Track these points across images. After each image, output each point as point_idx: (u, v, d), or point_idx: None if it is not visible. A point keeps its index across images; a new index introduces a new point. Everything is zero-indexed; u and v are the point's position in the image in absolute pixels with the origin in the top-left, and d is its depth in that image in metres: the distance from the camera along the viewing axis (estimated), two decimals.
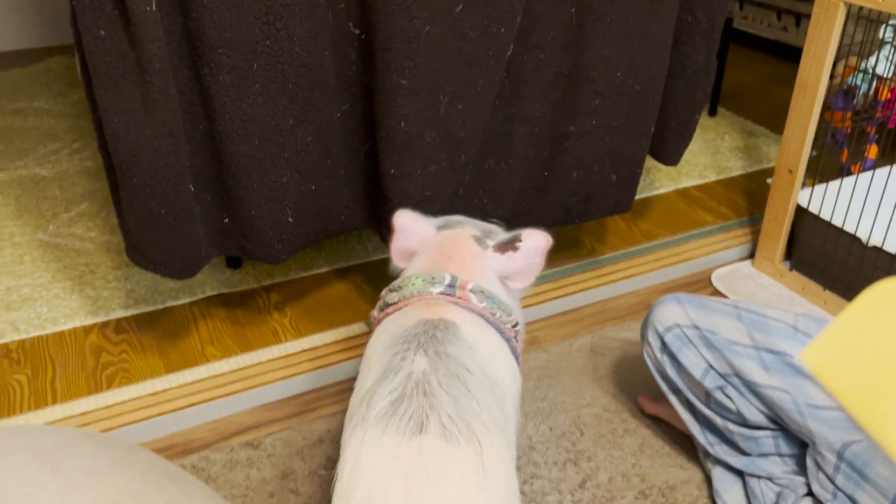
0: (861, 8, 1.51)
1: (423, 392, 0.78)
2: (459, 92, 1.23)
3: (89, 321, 1.56)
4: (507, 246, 1.02)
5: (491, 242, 1.03)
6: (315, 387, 1.45)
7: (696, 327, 1.13)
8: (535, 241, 1.02)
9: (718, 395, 1.11)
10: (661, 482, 1.25)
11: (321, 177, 1.26)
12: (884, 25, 1.71)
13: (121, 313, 1.58)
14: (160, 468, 0.93)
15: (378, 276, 1.72)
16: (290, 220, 1.25)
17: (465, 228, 1.06)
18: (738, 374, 1.09)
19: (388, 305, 0.97)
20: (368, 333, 1.54)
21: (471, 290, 0.94)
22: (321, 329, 1.56)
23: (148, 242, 1.17)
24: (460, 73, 1.22)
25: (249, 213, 1.22)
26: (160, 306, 1.61)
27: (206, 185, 1.21)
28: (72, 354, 1.48)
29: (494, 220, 1.17)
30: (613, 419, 1.38)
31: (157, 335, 1.53)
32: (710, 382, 1.11)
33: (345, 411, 1.37)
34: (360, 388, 0.85)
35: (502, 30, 1.21)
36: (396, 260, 1.07)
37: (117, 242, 1.81)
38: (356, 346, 1.51)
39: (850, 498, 0.98)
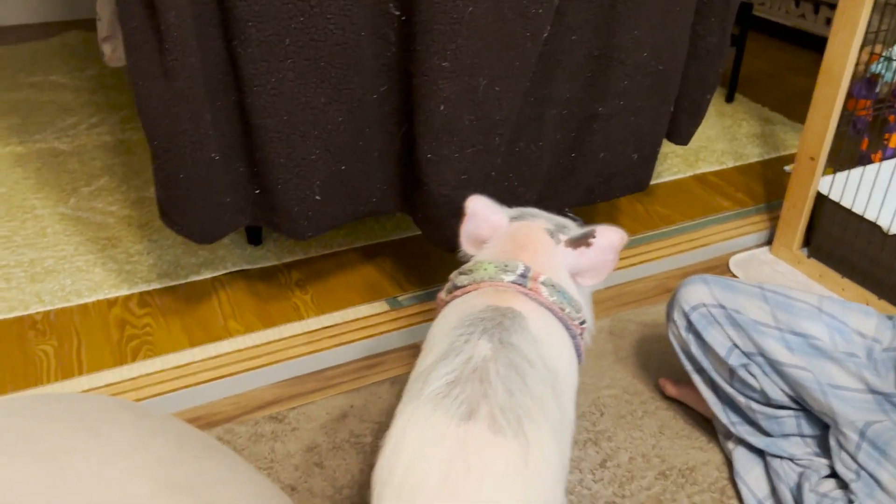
0: None
1: (480, 379, 0.77)
2: (497, 74, 1.23)
3: (112, 294, 1.57)
4: (580, 241, 0.99)
5: (563, 237, 1.01)
6: (336, 363, 1.46)
7: (722, 307, 1.14)
8: (609, 237, 0.99)
9: (742, 373, 1.12)
10: (681, 463, 1.27)
11: (352, 157, 1.26)
12: None
13: (143, 287, 1.59)
14: (194, 437, 0.95)
15: (397, 256, 1.73)
16: (317, 197, 1.26)
17: (539, 221, 1.04)
18: (762, 353, 1.10)
19: (456, 288, 0.96)
20: (389, 312, 1.55)
21: (542, 283, 0.93)
22: (342, 307, 1.57)
23: (170, 204, 1.19)
24: (498, 55, 1.21)
25: (276, 186, 1.23)
26: (182, 281, 1.62)
27: (238, 155, 1.21)
28: (96, 326, 1.49)
29: (569, 213, 1.17)
30: (633, 401, 1.39)
31: (179, 309, 1.54)
32: (735, 360, 1.13)
33: (367, 388, 1.39)
34: (420, 365, 0.86)
35: (540, 11, 1.20)
36: (465, 245, 1.05)
37: (138, 217, 1.82)
38: (377, 324, 1.53)
39: (873, 476, 0.99)
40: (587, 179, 1.51)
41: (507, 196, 1.44)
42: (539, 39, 1.26)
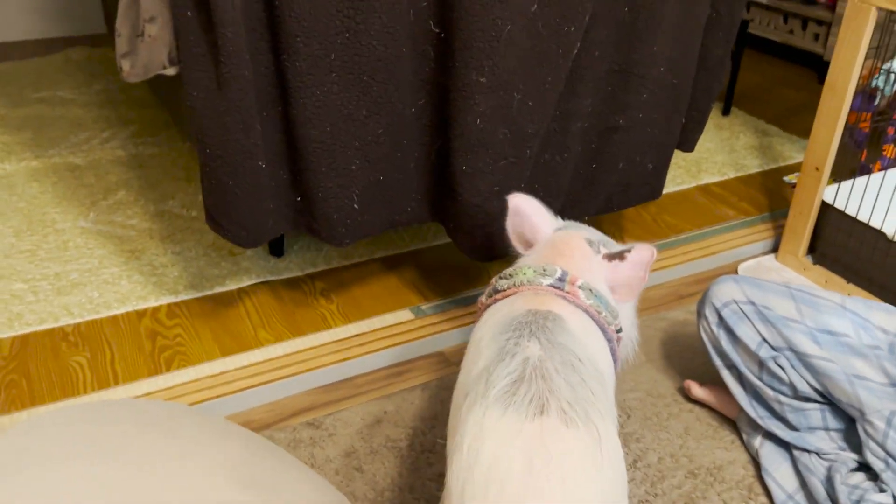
0: (892, 12, 1.58)
1: (542, 376, 0.81)
2: (530, 89, 1.28)
3: (141, 306, 1.59)
4: (616, 255, 1.04)
5: (603, 250, 1.05)
6: (366, 370, 1.50)
7: (752, 303, 1.20)
8: (642, 254, 1.02)
9: (771, 365, 1.17)
10: (709, 462, 1.31)
11: (390, 168, 1.31)
12: None
13: (170, 298, 1.61)
14: (254, 438, 0.98)
15: (417, 266, 1.76)
16: (355, 206, 1.30)
17: (581, 231, 1.08)
18: (791, 347, 1.16)
19: (497, 292, 1.00)
20: (414, 321, 1.59)
21: (580, 287, 0.97)
22: (367, 316, 1.60)
23: (218, 209, 1.22)
24: (532, 71, 1.26)
25: (317, 195, 1.27)
26: (209, 292, 1.64)
27: (282, 164, 1.25)
28: (127, 337, 1.51)
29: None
30: (657, 403, 1.44)
31: (208, 320, 1.57)
32: (765, 353, 1.18)
33: (398, 394, 1.42)
34: (471, 368, 0.89)
35: (572, 28, 1.26)
36: (513, 241, 1.10)
37: (159, 230, 1.84)
38: (402, 332, 1.56)
39: None
40: (606, 189, 1.56)
41: None
42: (570, 56, 1.31)
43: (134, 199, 1.97)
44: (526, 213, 1.08)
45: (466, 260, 1.79)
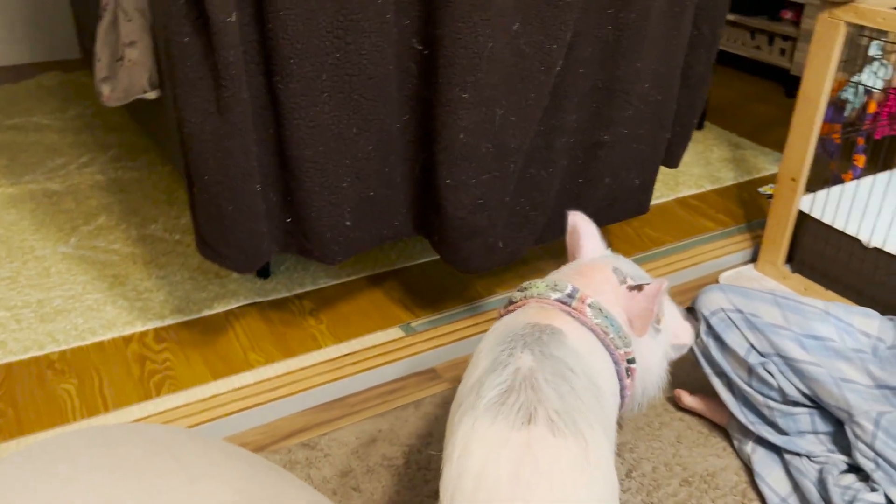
0: (861, 27, 1.63)
1: (531, 386, 0.82)
2: (513, 105, 1.30)
3: (127, 331, 1.57)
4: (636, 287, 1.04)
5: (630, 281, 1.06)
6: (359, 389, 1.49)
7: (740, 311, 1.22)
8: (654, 285, 1.02)
9: (760, 371, 1.20)
10: (702, 470, 1.33)
11: (379, 184, 1.32)
12: (874, 42, 1.84)
13: (157, 323, 1.60)
14: (259, 461, 0.97)
15: (404, 283, 1.77)
16: (347, 223, 1.30)
17: (616, 261, 1.08)
18: (778, 353, 1.19)
19: (511, 303, 1.02)
20: (404, 338, 1.59)
21: (589, 305, 0.98)
22: (358, 334, 1.60)
23: (215, 236, 1.22)
24: (515, 88, 1.29)
25: (310, 214, 1.27)
26: (196, 315, 1.63)
27: (273, 186, 1.25)
28: (115, 363, 1.49)
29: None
30: (649, 413, 1.45)
31: (197, 343, 1.55)
32: (754, 359, 1.21)
33: (391, 412, 1.42)
34: (468, 379, 0.90)
35: (554, 46, 1.28)
36: (568, 256, 1.13)
37: (142, 254, 1.83)
38: (394, 350, 1.56)
39: (890, 463, 1.07)
40: (593, 204, 1.59)
41: (519, 219, 1.50)
42: (552, 73, 1.33)
43: (115, 223, 1.95)
44: (580, 233, 1.10)
45: (455, 276, 1.80)
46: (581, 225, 1.11)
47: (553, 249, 1.93)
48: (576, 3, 1.29)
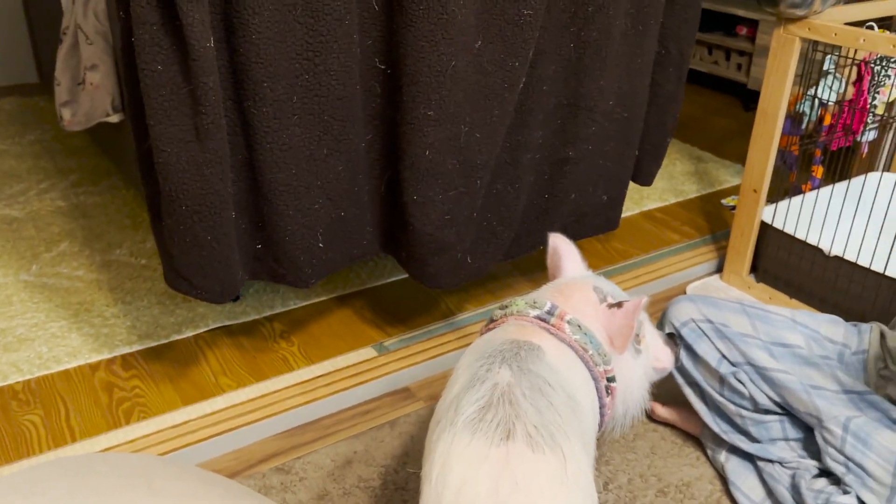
0: (814, 42, 1.68)
1: (509, 401, 0.83)
2: (477, 122, 1.31)
3: (94, 358, 1.54)
4: (616, 304, 1.05)
5: (610, 300, 1.06)
6: (333, 411, 1.48)
7: (710, 321, 1.25)
8: (633, 301, 1.03)
9: (732, 380, 1.22)
10: (677, 480, 1.34)
11: (349, 203, 1.32)
12: (828, 56, 1.90)
13: (125, 349, 1.57)
14: (235, 486, 0.96)
15: (375, 303, 1.76)
16: (320, 245, 1.30)
17: (596, 280, 1.09)
18: (749, 362, 1.21)
19: (492, 321, 1.02)
20: (377, 358, 1.58)
21: (567, 321, 0.99)
22: (330, 356, 1.59)
23: (191, 268, 1.20)
24: (479, 105, 1.30)
25: (284, 238, 1.26)
26: (164, 340, 1.60)
27: (242, 212, 1.24)
28: (82, 392, 1.46)
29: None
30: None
31: (166, 369, 1.53)
32: (725, 369, 1.22)
33: (366, 433, 1.41)
34: (447, 395, 0.90)
35: (516, 64, 1.30)
36: (549, 276, 1.13)
37: (107, 280, 1.79)
38: (367, 370, 1.55)
39: (860, 465, 1.10)
40: (560, 219, 1.60)
41: (486, 234, 1.51)
42: (516, 90, 1.35)
43: (79, 249, 1.92)
44: (560, 253, 1.11)
45: (426, 294, 1.80)
46: (561, 246, 1.13)
47: (523, 265, 1.94)
48: (537, 22, 1.31)
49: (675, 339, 1.31)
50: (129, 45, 1.05)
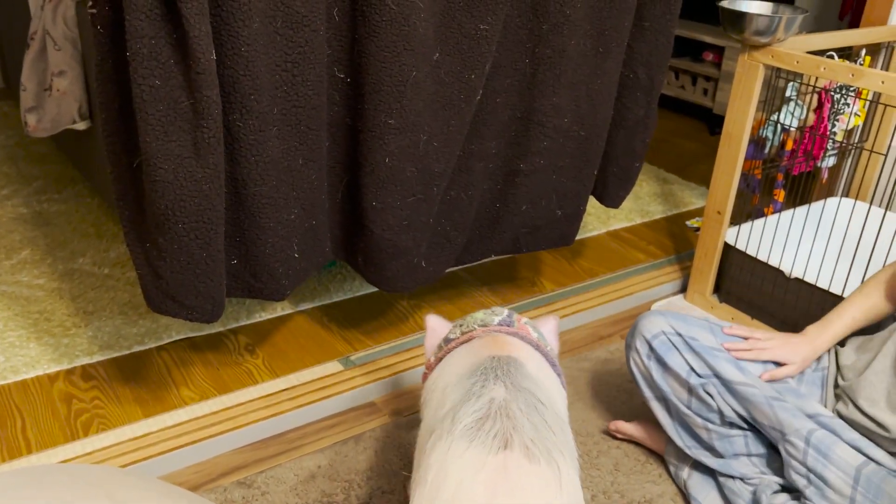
0: (777, 69, 1.73)
1: (507, 415, 0.84)
2: (436, 131, 1.34)
3: (53, 369, 1.51)
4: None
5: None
6: (297, 425, 1.47)
7: (679, 335, 1.27)
8: (549, 325, 1.11)
9: (700, 392, 1.24)
10: (639, 496, 1.35)
11: (319, 212, 1.32)
12: (790, 83, 1.95)
13: (85, 360, 1.54)
14: (196, 499, 0.94)
15: (343, 316, 1.76)
16: (295, 255, 1.30)
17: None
18: (716, 375, 1.24)
19: (450, 341, 1.03)
20: (343, 372, 1.58)
21: (526, 322, 1.04)
22: (295, 369, 1.57)
23: (184, 287, 1.17)
24: (437, 114, 1.33)
25: (264, 251, 1.26)
26: (126, 351, 1.58)
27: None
28: (40, 403, 1.43)
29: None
30: (587, 442, 1.47)
31: (127, 380, 1.50)
32: (694, 380, 1.25)
33: (331, 447, 1.40)
34: (438, 410, 0.91)
35: (473, 76, 1.33)
36: (429, 353, 1.11)
37: (69, 289, 1.76)
38: (332, 384, 1.54)
39: (821, 477, 1.12)
40: (512, 229, 1.63)
41: (441, 240, 1.53)
42: (472, 101, 1.37)
43: (41, 257, 1.88)
44: (436, 329, 1.11)
45: (392, 308, 1.80)
46: (434, 324, 1.13)
47: (485, 278, 1.95)
48: (493, 37, 1.33)
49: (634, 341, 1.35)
50: (108, 62, 1.03)
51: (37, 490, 0.76)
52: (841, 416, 1.22)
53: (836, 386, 1.27)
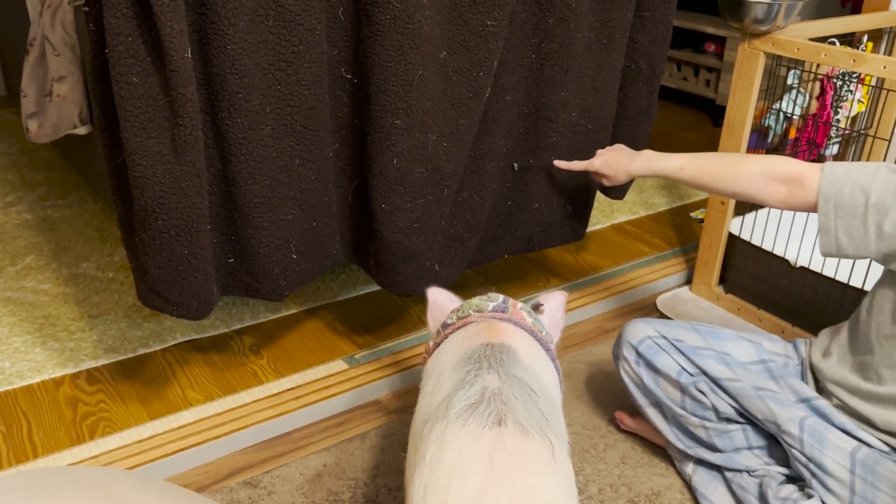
0: (778, 56, 1.72)
1: (501, 400, 0.86)
2: (444, 130, 1.33)
3: (58, 373, 1.51)
4: (534, 308, 1.11)
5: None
6: (303, 424, 1.47)
7: (665, 337, 1.28)
8: (556, 300, 1.13)
9: (692, 391, 1.24)
10: (647, 489, 1.34)
11: (320, 213, 1.31)
12: (792, 71, 1.93)
13: (90, 364, 1.54)
14: (201, 500, 0.94)
15: (347, 315, 1.75)
16: (293, 256, 1.29)
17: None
18: (705, 373, 1.24)
19: (447, 327, 1.03)
20: (348, 370, 1.57)
21: (521, 308, 1.04)
22: (300, 369, 1.57)
23: (168, 283, 1.18)
24: (445, 114, 1.31)
25: (258, 251, 1.26)
26: (131, 354, 1.58)
27: (215, 226, 1.23)
28: (46, 407, 1.43)
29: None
30: (593, 436, 1.47)
31: (133, 383, 1.51)
32: (685, 379, 1.25)
33: (337, 446, 1.40)
34: (432, 399, 0.91)
35: (481, 74, 1.32)
36: (432, 327, 1.13)
37: (74, 293, 1.77)
38: (337, 383, 1.54)
39: (819, 465, 1.12)
40: (525, 228, 1.62)
41: (454, 242, 1.52)
42: (481, 99, 1.36)
43: (45, 263, 1.89)
44: (441, 302, 1.12)
45: (397, 306, 1.80)
46: (436, 297, 1.14)
47: (489, 273, 1.94)
48: (500, 33, 1.32)
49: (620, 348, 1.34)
50: (100, 58, 1.04)
51: (38, 491, 0.77)
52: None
53: (817, 380, 1.28)
